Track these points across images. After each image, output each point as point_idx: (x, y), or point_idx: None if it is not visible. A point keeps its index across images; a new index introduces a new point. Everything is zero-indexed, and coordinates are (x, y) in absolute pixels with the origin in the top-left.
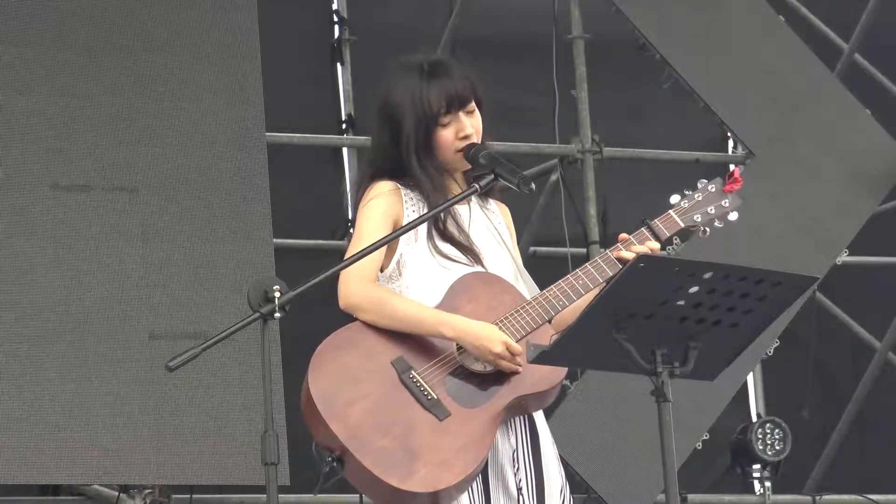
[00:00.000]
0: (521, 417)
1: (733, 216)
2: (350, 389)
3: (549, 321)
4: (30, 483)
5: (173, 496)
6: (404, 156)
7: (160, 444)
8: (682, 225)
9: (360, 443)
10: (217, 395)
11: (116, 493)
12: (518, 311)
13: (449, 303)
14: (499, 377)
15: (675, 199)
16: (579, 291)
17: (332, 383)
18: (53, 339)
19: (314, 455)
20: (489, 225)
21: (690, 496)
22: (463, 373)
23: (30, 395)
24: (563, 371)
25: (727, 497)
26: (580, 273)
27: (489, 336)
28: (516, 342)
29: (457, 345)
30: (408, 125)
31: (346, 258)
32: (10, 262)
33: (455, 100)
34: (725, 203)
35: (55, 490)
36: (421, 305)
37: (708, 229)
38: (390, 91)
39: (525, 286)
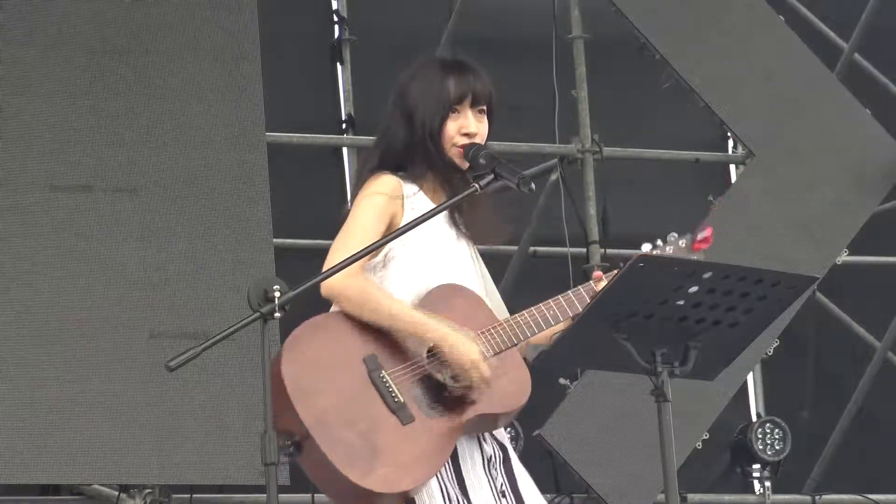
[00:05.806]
0: (490, 438)
1: None
2: (319, 377)
3: (517, 346)
4: (30, 483)
5: (173, 496)
6: (418, 140)
7: (160, 444)
8: None
9: (324, 431)
10: (217, 395)
11: (116, 493)
12: (489, 330)
13: (426, 310)
14: (463, 392)
15: (646, 247)
16: (549, 322)
17: (303, 367)
18: (53, 339)
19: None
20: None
21: (690, 496)
22: (429, 382)
23: (30, 395)
24: (527, 393)
25: (727, 497)
26: (552, 304)
27: (468, 345)
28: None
29: (427, 352)
30: (424, 109)
31: (335, 244)
32: (10, 262)
33: (470, 93)
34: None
35: (55, 490)
36: (406, 305)
37: None
38: (412, 76)
39: (491, 303)
